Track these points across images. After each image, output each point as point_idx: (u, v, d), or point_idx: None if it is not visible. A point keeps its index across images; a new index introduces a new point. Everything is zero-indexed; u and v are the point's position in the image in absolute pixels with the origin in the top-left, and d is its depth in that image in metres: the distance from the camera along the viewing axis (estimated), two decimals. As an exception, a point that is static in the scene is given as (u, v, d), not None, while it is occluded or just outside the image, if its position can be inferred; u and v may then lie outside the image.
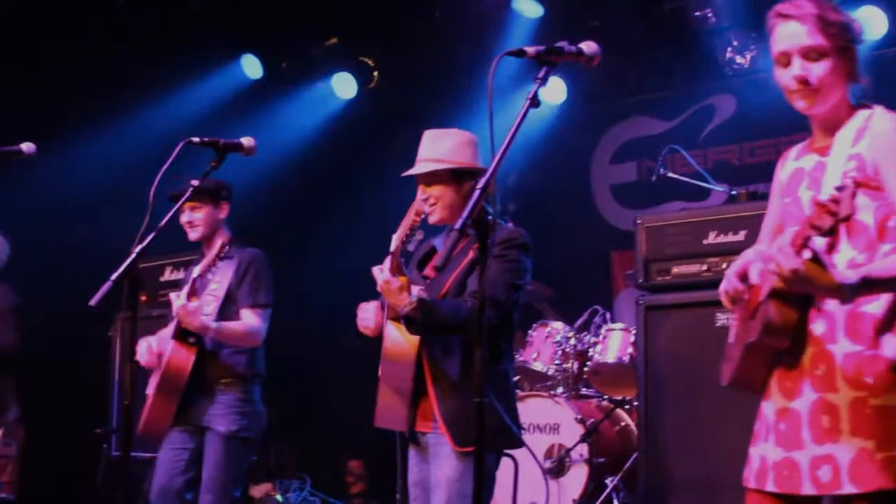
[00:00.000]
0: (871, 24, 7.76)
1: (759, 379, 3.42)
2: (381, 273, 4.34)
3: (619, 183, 9.92)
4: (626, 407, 7.37)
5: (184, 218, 5.74)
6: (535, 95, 3.41)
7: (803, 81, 3.30)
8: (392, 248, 4.37)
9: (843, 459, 3.15)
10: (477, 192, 3.21)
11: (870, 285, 3.11)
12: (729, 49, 8.83)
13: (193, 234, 5.81)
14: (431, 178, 4.57)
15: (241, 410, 5.66)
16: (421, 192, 4.59)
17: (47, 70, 8.75)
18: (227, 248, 5.67)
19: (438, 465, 4.45)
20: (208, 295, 5.57)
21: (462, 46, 9.51)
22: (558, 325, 7.56)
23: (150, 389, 5.68)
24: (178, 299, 5.45)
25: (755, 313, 3.34)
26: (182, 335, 5.54)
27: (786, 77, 3.34)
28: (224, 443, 5.59)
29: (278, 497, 7.86)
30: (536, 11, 9.02)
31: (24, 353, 6.72)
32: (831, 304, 3.21)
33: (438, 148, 4.59)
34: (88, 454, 7.62)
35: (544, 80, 3.43)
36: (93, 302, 4.33)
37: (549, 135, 9.17)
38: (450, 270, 4.48)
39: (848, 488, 3.13)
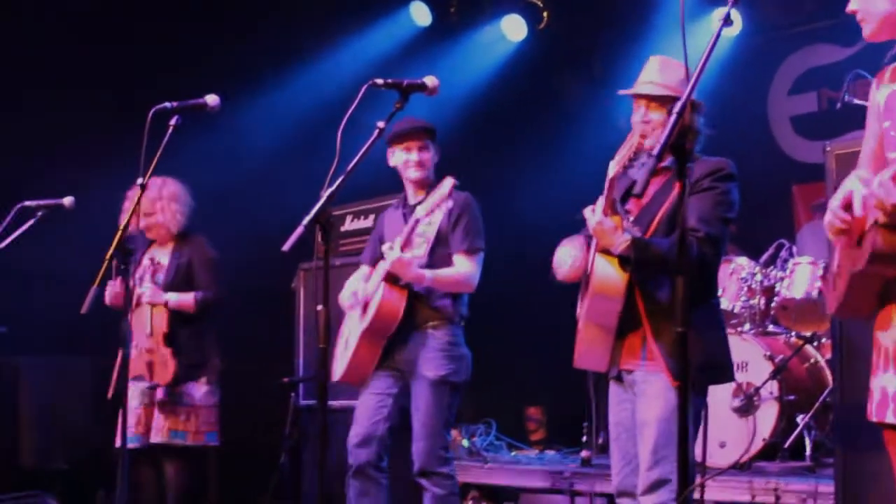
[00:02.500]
0: None
1: (868, 307, 3.35)
2: (594, 214, 4.28)
3: (798, 114, 9.66)
4: (815, 343, 7.20)
5: (414, 157, 5.67)
6: (728, 15, 3.30)
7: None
8: (610, 174, 4.29)
9: None
10: (673, 117, 3.13)
11: None
12: (912, -33, 8.44)
13: (419, 174, 5.68)
14: (656, 103, 4.47)
15: (450, 354, 5.60)
16: (642, 115, 4.49)
17: (226, 24, 8.91)
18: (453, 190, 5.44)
19: (647, 404, 4.38)
20: (418, 237, 5.48)
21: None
22: (743, 261, 7.40)
23: (350, 336, 5.75)
24: (391, 251, 5.39)
25: (860, 242, 3.25)
26: (394, 277, 5.53)
27: None
28: (433, 388, 5.54)
29: (464, 442, 7.88)
30: (708, -59, 8.82)
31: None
32: None
33: (670, 76, 4.48)
34: (277, 404, 7.74)
35: (737, 0, 3.32)
36: (285, 247, 4.37)
37: (724, 68, 8.95)
38: (658, 203, 4.40)
39: None
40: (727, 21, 3.29)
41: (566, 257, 4.60)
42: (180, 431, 6.53)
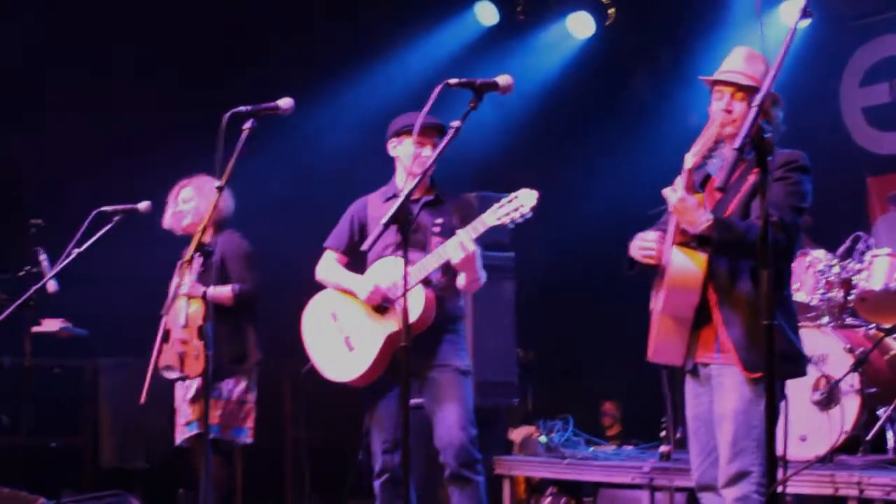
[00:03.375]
0: None
1: None
2: (675, 192, 4.27)
3: (871, 105, 9.54)
4: (895, 335, 7.12)
5: (428, 153, 5.51)
6: (807, 7, 3.29)
7: None
8: (688, 164, 4.28)
9: None
10: (754, 110, 3.12)
11: None
12: (984, -45, 8.36)
13: (421, 169, 5.43)
14: (742, 93, 4.45)
15: (465, 349, 5.67)
16: (726, 103, 4.46)
17: (295, 28, 8.99)
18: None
19: (723, 397, 4.38)
20: (436, 236, 5.45)
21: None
22: (820, 254, 7.31)
23: (357, 336, 5.62)
24: (467, 246, 5.23)
25: None
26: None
27: None
28: (465, 379, 5.55)
29: (542, 438, 7.86)
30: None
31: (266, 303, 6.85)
32: None
33: (756, 67, 4.47)
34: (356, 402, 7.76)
35: (815, -7, 3.31)
36: (365, 246, 4.41)
37: (795, 60, 8.88)
38: (732, 193, 4.39)
39: None
40: (805, 13, 3.27)
41: (648, 235, 4.57)
42: (213, 425, 6.44)
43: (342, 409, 7.85)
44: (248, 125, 4.98)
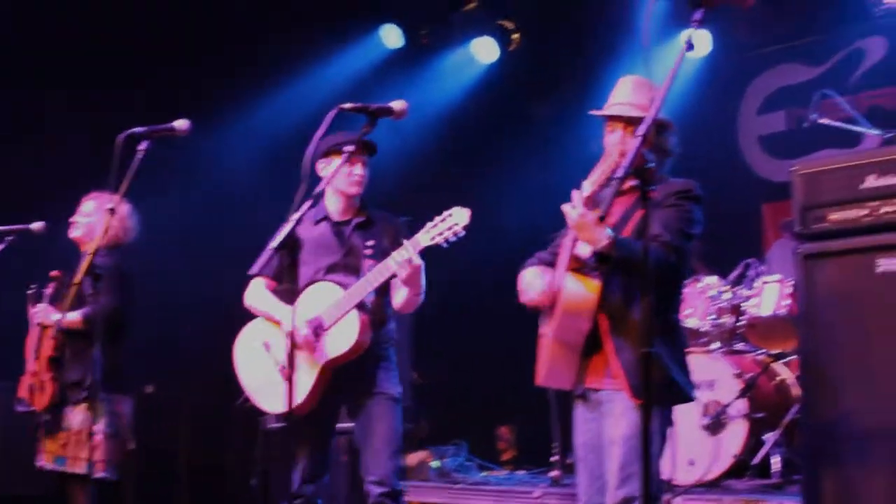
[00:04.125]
0: None
1: None
2: (574, 208, 4.19)
3: (767, 134, 9.73)
4: (783, 361, 7.25)
5: (358, 171, 5.44)
6: (690, 40, 3.34)
7: None
8: (586, 192, 4.21)
9: None
10: (638, 140, 3.15)
11: None
12: (877, -11, 8.55)
13: (358, 190, 5.49)
14: (633, 125, 4.40)
15: (397, 375, 5.54)
16: (619, 136, 4.45)
17: (200, 49, 8.93)
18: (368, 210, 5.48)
19: (613, 423, 4.38)
20: (368, 259, 5.36)
21: (601, 1, 9.44)
22: (712, 280, 7.43)
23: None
24: (415, 258, 5.19)
25: None
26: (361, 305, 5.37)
27: None
28: (396, 406, 5.42)
29: (434, 463, 7.85)
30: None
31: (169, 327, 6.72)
32: None
33: (644, 96, 4.46)
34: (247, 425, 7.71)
35: (701, 23, 3.35)
36: (253, 270, 4.37)
37: (694, 88, 9.04)
38: (623, 223, 4.41)
39: None
40: (689, 46, 3.32)
41: (535, 280, 4.57)
42: (60, 457, 6.18)
43: (236, 435, 7.83)
44: (143, 146, 4.95)
